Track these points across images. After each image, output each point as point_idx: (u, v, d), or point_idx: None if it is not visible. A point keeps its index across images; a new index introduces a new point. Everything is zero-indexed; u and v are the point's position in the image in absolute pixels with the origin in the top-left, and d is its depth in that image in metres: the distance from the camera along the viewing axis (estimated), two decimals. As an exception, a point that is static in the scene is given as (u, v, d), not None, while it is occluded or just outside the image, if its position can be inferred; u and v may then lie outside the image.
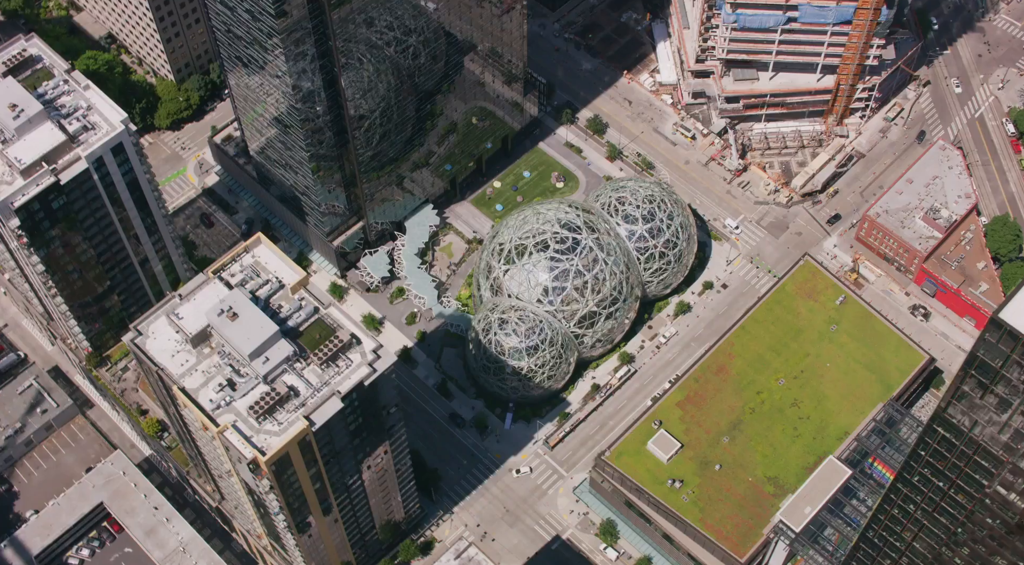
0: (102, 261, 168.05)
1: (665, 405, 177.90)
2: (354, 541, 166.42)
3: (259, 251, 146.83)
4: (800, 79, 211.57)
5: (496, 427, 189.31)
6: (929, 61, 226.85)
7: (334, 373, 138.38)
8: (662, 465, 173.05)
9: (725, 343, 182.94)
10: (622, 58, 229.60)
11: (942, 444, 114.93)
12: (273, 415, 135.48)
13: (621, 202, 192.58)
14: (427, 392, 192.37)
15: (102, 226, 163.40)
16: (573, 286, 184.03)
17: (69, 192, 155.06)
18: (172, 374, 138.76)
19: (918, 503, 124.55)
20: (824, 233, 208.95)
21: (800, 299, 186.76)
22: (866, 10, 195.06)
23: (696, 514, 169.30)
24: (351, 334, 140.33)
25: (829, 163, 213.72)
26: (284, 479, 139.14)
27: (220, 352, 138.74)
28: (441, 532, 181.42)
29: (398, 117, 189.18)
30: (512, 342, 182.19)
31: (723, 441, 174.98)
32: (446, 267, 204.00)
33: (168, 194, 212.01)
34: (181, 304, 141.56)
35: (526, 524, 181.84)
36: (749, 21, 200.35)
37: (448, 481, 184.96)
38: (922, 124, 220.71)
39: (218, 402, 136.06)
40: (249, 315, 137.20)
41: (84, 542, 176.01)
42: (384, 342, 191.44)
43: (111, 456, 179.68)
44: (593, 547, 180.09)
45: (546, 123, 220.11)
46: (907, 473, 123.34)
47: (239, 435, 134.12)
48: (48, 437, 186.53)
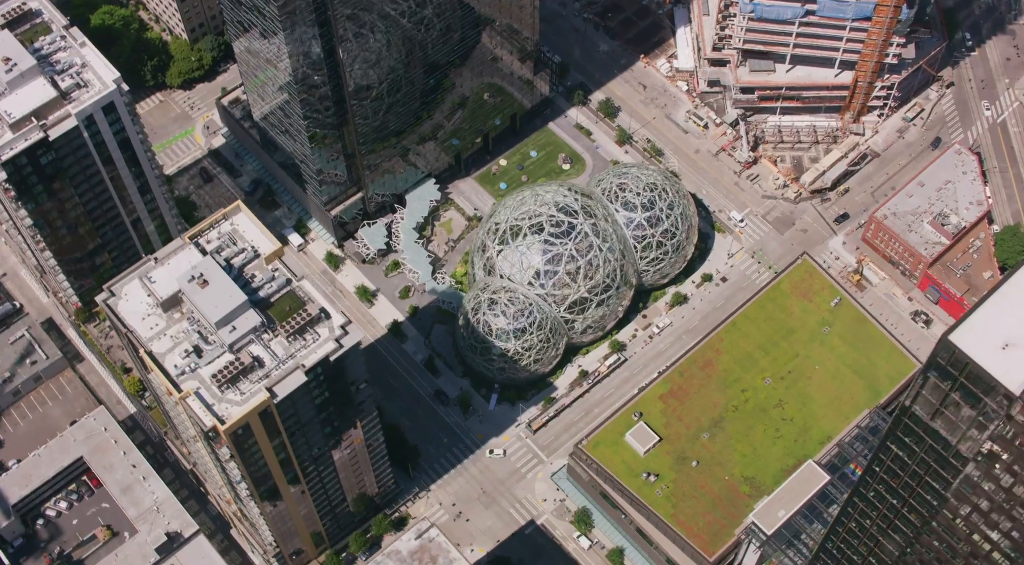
0: (92, 218, 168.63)
1: (647, 397, 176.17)
2: (323, 513, 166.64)
3: (238, 219, 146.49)
4: (817, 73, 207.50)
5: (480, 407, 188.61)
6: (954, 62, 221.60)
7: (300, 346, 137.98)
8: (639, 457, 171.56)
9: (714, 338, 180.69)
10: (641, 41, 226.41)
11: (895, 462, 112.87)
12: (236, 385, 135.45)
13: (622, 188, 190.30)
14: (414, 367, 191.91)
15: (92, 184, 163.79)
16: (565, 271, 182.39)
17: (58, 149, 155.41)
18: (141, 337, 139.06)
19: (873, 518, 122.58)
20: (830, 232, 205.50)
21: (794, 298, 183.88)
22: (886, 7, 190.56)
23: (668, 509, 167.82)
24: (321, 308, 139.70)
25: (841, 160, 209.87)
26: (245, 449, 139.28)
27: (189, 318, 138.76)
28: (416, 509, 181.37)
29: (407, 89, 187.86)
30: (500, 323, 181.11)
31: (703, 437, 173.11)
32: (444, 243, 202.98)
33: (175, 153, 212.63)
34: (155, 267, 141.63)
35: (502, 507, 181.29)
36: (767, 11, 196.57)
37: (427, 458, 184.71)
38: (942, 126, 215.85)
39: (183, 368, 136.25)
40: (219, 283, 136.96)
41: (63, 495, 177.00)
42: (376, 315, 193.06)
43: (94, 412, 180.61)
44: (567, 534, 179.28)
45: (557, 103, 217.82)
46: (863, 487, 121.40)
47: (201, 402, 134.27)
48: (36, 388, 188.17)
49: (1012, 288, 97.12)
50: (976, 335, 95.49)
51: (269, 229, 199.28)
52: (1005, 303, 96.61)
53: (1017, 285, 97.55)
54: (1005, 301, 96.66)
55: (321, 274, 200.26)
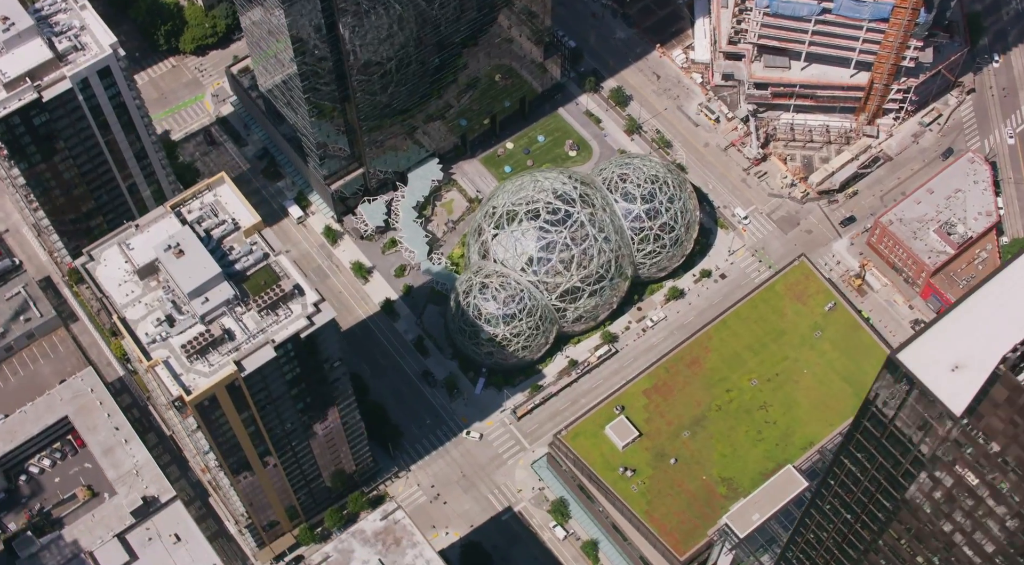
0: (87, 181, 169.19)
1: (631, 391, 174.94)
2: (298, 487, 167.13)
3: (221, 190, 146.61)
4: (833, 72, 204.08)
5: (467, 390, 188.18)
6: (977, 68, 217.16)
7: (272, 321, 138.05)
8: (617, 451, 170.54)
9: (703, 336, 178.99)
10: (658, 31, 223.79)
11: (848, 477, 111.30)
12: (205, 356, 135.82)
13: (623, 179, 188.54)
14: (404, 347, 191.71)
15: (87, 147, 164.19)
16: (559, 259, 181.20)
17: (52, 110, 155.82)
18: (116, 303, 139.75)
19: (829, 531, 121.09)
20: (835, 234, 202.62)
21: (788, 300, 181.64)
22: (904, 9, 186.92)
23: (643, 505, 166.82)
24: (295, 285, 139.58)
25: (851, 162, 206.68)
26: (212, 420, 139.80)
27: (164, 287, 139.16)
28: (395, 488, 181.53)
29: (415, 67, 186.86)
30: (490, 308, 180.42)
31: (683, 435, 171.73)
32: (444, 224, 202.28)
33: (183, 118, 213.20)
34: (135, 234, 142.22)
35: (480, 491, 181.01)
36: (782, 7, 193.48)
37: (410, 438, 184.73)
38: (959, 133, 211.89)
39: (154, 336, 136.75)
40: (195, 254, 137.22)
41: (47, 452, 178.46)
42: (370, 292, 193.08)
43: (82, 372, 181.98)
44: (543, 523, 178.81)
45: (569, 88, 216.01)
46: (819, 499, 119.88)
47: (169, 372, 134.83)
48: (29, 345, 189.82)
49: (966, 310, 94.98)
50: (926, 355, 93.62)
51: (270, 201, 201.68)
52: (959, 324, 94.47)
53: (971, 307, 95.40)
54: (959, 322, 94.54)
55: (319, 248, 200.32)
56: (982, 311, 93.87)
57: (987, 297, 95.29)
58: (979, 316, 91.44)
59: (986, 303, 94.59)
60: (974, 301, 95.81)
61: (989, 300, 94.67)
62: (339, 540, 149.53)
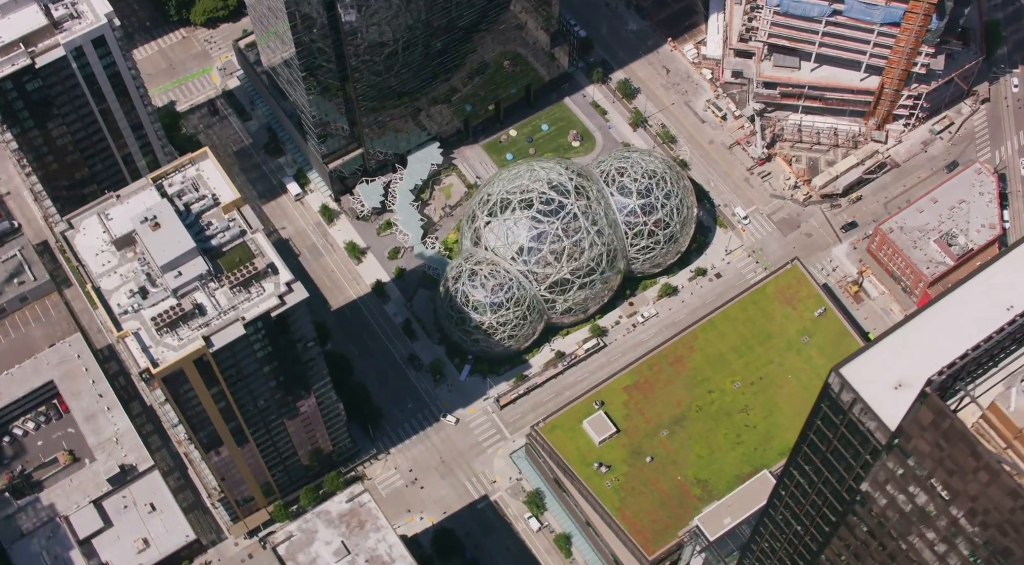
0: (81, 148, 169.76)
1: (611, 387, 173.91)
2: (272, 464, 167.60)
3: (204, 165, 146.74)
4: (843, 75, 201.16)
5: (451, 377, 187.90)
6: (993, 78, 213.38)
7: (244, 299, 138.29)
8: (593, 446, 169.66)
9: (688, 335, 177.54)
10: (671, 24, 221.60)
11: (798, 489, 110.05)
12: (175, 330, 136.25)
13: (621, 172, 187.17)
14: (392, 329, 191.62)
15: (81, 115, 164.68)
16: (550, 249, 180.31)
17: (45, 77, 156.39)
18: (91, 272, 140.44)
19: (782, 541, 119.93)
20: (836, 239, 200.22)
21: (778, 304, 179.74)
22: (915, 15, 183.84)
23: (615, 502, 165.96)
24: (269, 263, 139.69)
25: (856, 167, 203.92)
26: (180, 393, 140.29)
27: (140, 259, 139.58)
28: (373, 470, 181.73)
29: (420, 50, 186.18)
30: (478, 295, 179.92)
31: (661, 434, 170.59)
32: (441, 208, 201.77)
33: (189, 90, 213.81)
34: (115, 205, 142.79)
35: (458, 478, 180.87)
36: (793, 7, 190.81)
37: (392, 421, 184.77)
38: (970, 142, 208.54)
39: (126, 307, 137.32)
40: (170, 227, 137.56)
41: (31, 415, 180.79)
42: (362, 272, 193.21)
43: (70, 338, 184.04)
44: (518, 514, 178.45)
45: (576, 78, 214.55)
46: (771, 510, 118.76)
47: (138, 343, 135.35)
48: (21, 308, 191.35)
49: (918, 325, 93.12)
50: (869, 371, 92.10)
51: (269, 177, 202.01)
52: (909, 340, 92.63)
53: (923, 323, 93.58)
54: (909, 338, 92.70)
55: (315, 226, 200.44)
56: (933, 328, 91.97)
57: (941, 313, 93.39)
58: (929, 333, 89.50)
59: (938, 320, 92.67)
60: (926, 317, 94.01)
61: (942, 317, 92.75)
62: (304, 520, 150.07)
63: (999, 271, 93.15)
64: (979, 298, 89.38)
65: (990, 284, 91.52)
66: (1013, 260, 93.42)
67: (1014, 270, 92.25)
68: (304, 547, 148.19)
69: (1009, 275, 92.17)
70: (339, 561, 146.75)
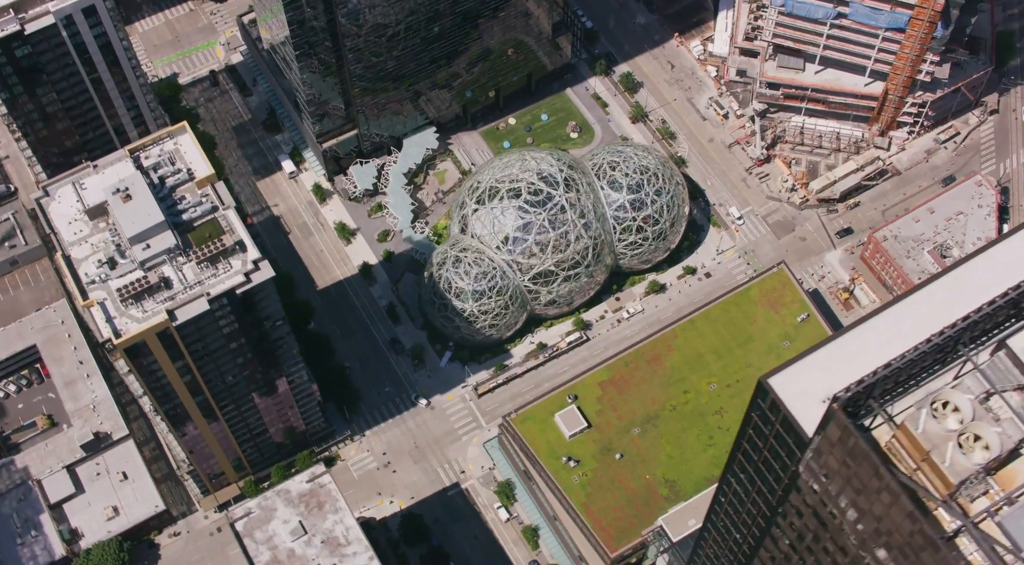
0: (71, 117, 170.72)
1: (587, 381, 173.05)
2: (243, 440, 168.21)
3: (182, 139, 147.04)
4: (847, 79, 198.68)
5: (432, 362, 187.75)
6: (1003, 90, 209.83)
7: (211, 274, 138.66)
8: (564, 440, 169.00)
9: (668, 333, 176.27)
10: (680, 19, 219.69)
11: (731, 503, 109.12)
12: (140, 302, 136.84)
13: (613, 167, 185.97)
14: (376, 312, 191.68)
15: (71, 83, 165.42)
16: (535, 240, 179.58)
17: (35, 44, 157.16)
18: (63, 240, 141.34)
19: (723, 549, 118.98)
20: (830, 244, 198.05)
21: (761, 307, 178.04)
22: (920, 21, 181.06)
23: (581, 498, 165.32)
24: (238, 240, 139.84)
25: (855, 173, 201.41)
26: (143, 365, 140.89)
27: (111, 230, 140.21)
28: (347, 451, 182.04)
29: (416, 34, 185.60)
30: (461, 282, 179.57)
31: (633, 432, 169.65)
32: (434, 193, 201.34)
33: (192, 63, 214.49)
34: (91, 175, 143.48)
35: (431, 464, 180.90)
36: (797, 8, 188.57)
37: (369, 403, 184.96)
38: (975, 153, 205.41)
39: (94, 277, 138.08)
40: (141, 200, 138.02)
41: (13, 378, 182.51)
42: (351, 253, 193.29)
43: (55, 303, 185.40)
44: (488, 503, 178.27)
45: (580, 69, 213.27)
46: (713, 516, 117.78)
47: (102, 313, 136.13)
48: (11, 272, 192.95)
49: (845, 342, 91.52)
50: (796, 383, 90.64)
51: (266, 153, 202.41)
52: (836, 355, 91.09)
53: (853, 338, 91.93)
54: (836, 353, 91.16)
55: (307, 205, 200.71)
56: (863, 342, 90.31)
57: (875, 328, 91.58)
58: (858, 348, 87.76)
59: (870, 335, 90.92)
60: (861, 331, 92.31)
61: (874, 332, 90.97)
62: (264, 497, 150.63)
63: (940, 289, 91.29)
64: (915, 315, 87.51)
65: (931, 301, 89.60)
66: (956, 277, 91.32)
67: (955, 288, 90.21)
68: (262, 524, 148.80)
69: (951, 293, 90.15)
70: (295, 540, 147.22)
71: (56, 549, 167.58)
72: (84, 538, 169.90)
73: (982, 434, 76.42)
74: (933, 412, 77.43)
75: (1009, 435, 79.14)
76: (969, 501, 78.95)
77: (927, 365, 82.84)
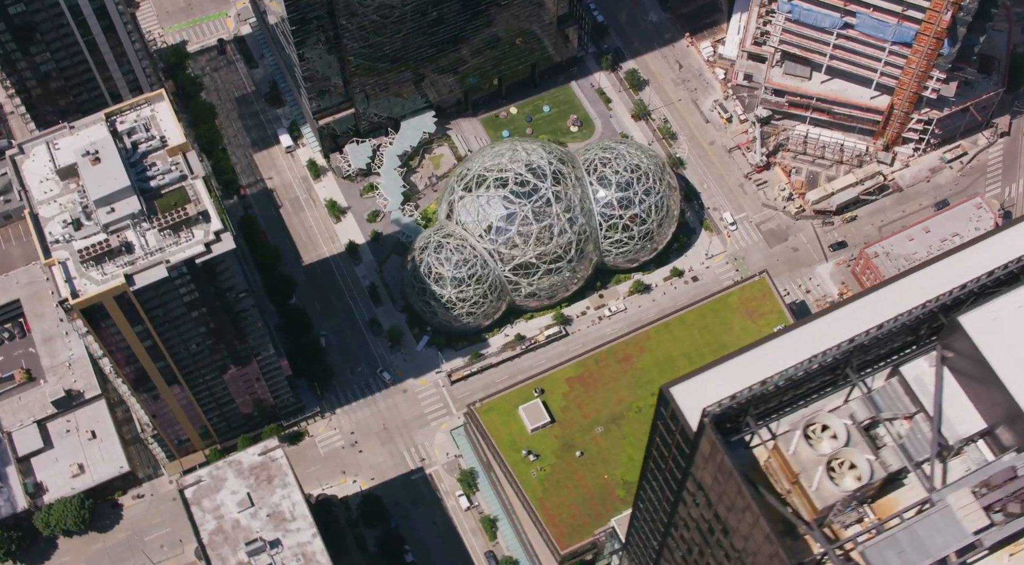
0: (65, 77, 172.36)
1: (555, 376, 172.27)
2: (208, 409, 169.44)
3: (159, 107, 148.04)
4: (853, 90, 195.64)
5: (408, 346, 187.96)
6: (1016, 112, 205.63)
7: (172, 242, 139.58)
8: (525, 434, 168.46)
9: (641, 334, 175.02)
10: (693, 19, 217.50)
11: (645, 509, 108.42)
12: (101, 264, 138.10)
13: (604, 163, 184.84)
14: (359, 291, 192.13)
15: (65, 44, 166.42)
16: (518, 231, 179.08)
17: (28, 2, 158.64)
18: (33, 198, 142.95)
19: (644, 556, 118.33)
20: (822, 257, 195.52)
21: (738, 315, 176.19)
22: (927, 37, 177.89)
23: (537, 492, 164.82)
24: (203, 210, 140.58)
25: (854, 186, 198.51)
26: (101, 327, 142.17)
27: (79, 191, 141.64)
28: (316, 428, 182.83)
29: (420, 16, 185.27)
30: (440, 268, 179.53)
31: (596, 430, 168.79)
32: (427, 177, 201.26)
33: (202, 32, 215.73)
34: (66, 135, 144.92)
35: (397, 447, 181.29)
36: (804, 15, 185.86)
37: (342, 381, 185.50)
38: (981, 175, 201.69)
39: (58, 236, 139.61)
40: (110, 164, 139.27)
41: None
42: (339, 231, 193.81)
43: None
44: (451, 490, 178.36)
45: (587, 63, 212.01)
46: (635, 521, 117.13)
47: (63, 273, 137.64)
48: (5, 226, 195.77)
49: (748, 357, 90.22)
50: (695, 393, 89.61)
51: (266, 126, 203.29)
52: (737, 368, 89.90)
53: (767, 351, 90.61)
54: (737, 366, 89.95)
55: (301, 180, 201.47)
56: (773, 356, 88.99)
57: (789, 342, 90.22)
58: (755, 363, 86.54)
59: (781, 349, 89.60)
60: (775, 344, 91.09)
61: (785, 346, 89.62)
62: (215, 466, 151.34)
63: (855, 310, 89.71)
64: (818, 334, 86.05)
65: (842, 322, 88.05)
66: (869, 301, 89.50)
67: (865, 311, 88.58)
68: (211, 493, 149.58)
69: (859, 316, 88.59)
70: (241, 511, 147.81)
71: (19, 501, 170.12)
72: (48, 493, 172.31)
73: (853, 460, 75.11)
74: (807, 435, 76.22)
75: (889, 463, 77.86)
76: (842, 527, 77.75)
77: (816, 387, 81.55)
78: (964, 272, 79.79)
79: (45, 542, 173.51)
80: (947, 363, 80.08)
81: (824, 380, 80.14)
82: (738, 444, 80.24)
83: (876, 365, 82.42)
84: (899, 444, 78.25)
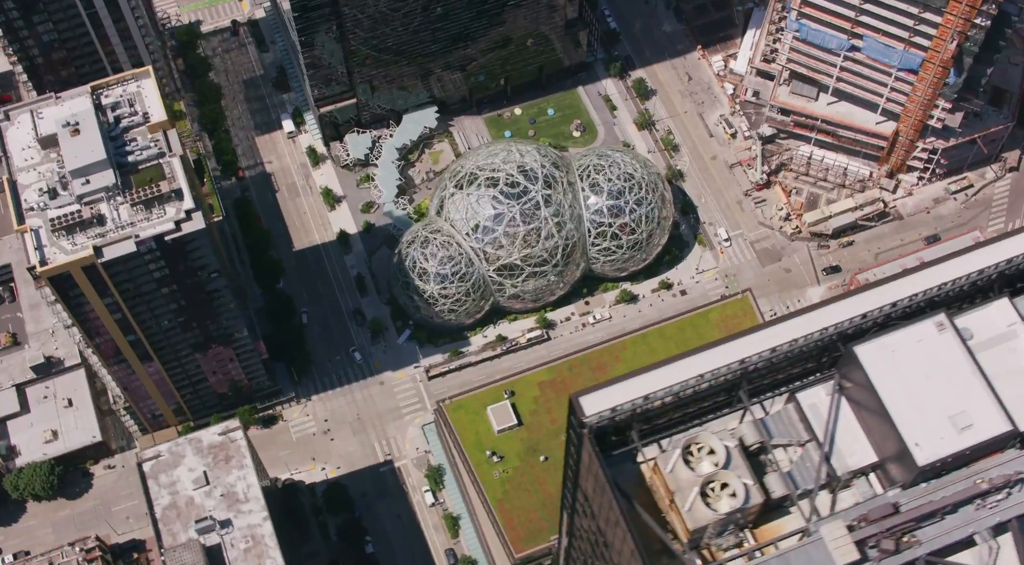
0: (67, 47, 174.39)
1: (527, 379, 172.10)
2: (181, 386, 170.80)
3: (145, 83, 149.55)
4: (859, 114, 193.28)
5: (390, 338, 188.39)
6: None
7: (143, 218, 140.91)
8: (492, 434, 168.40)
9: (617, 344, 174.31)
10: (707, 32, 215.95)
11: (571, 512, 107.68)
12: (72, 235, 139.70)
13: (597, 170, 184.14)
14: (346, 280, 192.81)
15: (68, 15, 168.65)
16: (504, 231, 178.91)
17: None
18: (13, 164, 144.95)
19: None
20: (814, 280, 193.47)
21: (717, 331, 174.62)
22: (932, 65, 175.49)
23: (498, 494, 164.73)
24: (176, 189, 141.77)
25: (853, 211, 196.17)
26: (69, 296, 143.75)
27: (58, 161, 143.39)
28: (290, 413, 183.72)
29: (423, 11, 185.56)
30: (425, 264, 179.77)
31: (562, 436, 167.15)
32: (425, 172, 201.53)
33: (217, 13, 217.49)
34: (51, 105, 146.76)
35: (369, 438, 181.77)
36: (812, 35, 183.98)
37: (321, 369, 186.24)
38: (985, 208, 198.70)
39: (33, 204, 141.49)
40: (88, 136, 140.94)
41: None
42: (333, 220, 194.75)
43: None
44: (417, 485, 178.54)
45: (596, 69, 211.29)
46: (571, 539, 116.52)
47: (34, 240, 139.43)
48: (4, 193, 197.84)
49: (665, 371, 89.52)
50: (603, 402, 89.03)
51: (270, 110, 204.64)
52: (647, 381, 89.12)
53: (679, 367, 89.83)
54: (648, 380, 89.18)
55: (300, 166, 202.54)
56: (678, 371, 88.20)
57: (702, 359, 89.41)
58: (650, 379, 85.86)
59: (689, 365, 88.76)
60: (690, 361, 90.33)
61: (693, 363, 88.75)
62: (175, 443, 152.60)
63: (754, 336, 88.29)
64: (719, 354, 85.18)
65: (747, 343, 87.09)
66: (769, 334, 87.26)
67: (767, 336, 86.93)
68: (169, 469, 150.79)
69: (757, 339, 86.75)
70: (196, 489, 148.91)
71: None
72: (20, 457, 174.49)
73: (730, 483, 74.30)
74: (688, 455, 75.49)
75: (772, 489, 76.98)
76: (720, 550, 76.96)
77: (710, 407, 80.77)
78: (868, 301, 78.58)
79: (14, 505, 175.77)
80: (845, 393, 78.96)
81: (718, 401, 79.20)
82: (627, 458, 79.62)
83: (777, 390, 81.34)
84: (787, 471, 77.20)
